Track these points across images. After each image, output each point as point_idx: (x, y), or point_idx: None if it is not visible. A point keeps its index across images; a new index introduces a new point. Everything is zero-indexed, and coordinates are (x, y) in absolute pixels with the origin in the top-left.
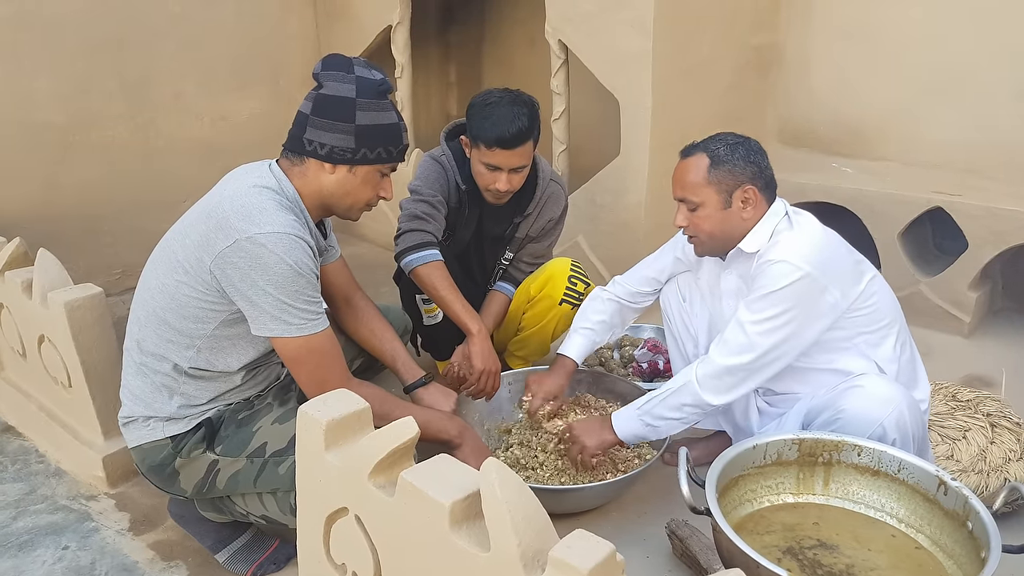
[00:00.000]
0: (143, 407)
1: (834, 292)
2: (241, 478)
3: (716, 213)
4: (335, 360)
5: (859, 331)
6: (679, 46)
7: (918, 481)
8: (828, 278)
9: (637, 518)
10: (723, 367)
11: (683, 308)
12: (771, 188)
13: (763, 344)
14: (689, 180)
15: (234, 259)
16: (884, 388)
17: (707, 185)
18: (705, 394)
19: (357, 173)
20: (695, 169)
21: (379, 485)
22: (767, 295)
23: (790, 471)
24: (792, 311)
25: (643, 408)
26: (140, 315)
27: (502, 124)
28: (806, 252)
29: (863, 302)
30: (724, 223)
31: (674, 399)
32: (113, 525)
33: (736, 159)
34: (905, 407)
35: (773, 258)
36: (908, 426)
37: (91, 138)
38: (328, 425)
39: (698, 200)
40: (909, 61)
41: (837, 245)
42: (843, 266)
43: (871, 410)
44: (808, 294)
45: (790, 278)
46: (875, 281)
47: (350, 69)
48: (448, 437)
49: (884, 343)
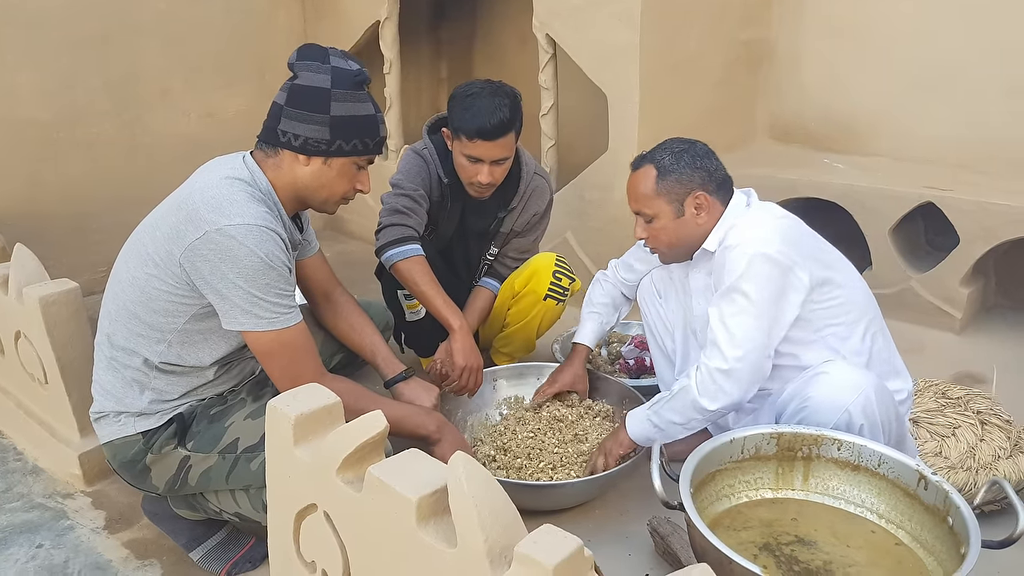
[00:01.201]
0: (114, 402)
1: (799, 272)
2: (213, 474)
3: (671, 223)
4: (308, 355)
5: (826, 323)
6: (667, 40)
7: (898, 476)
8: (789, 257)
9: (619, 515)
10: (717, 371)
11: (658, 304)
12: (725, 188)
13: (749, 338)
14: (640, 193)
15: (204, 251)
16: (849, 374)
17: (657, 197)
18: (703, 399)
19: (332, 165)
20: (644, 181)
21: (347, 481)
22: (734, 284)
23: (769, 466)
24: (762, 293)
25: (652, 409)
26: (111, 309)
27: (483, 115)
28: (762, 233)
29: (830, 292)
30: (680, 232)
31: (678, 403)
32: (88, 523)
33: (682, 167)
34: (872, 392)
35: (731, 244)
36: (876, 412)
37: (76, 135)
38: (297, 420)
39: (651, 212)
40: (900, 57)
41: (798, 229)
42: (805, 247)
43: (836, 396)
44: (772, 273)
45: (752, 261)
46: (843, 272)
47: (325, 59)
48: (426, 433)
49: (852, 335)
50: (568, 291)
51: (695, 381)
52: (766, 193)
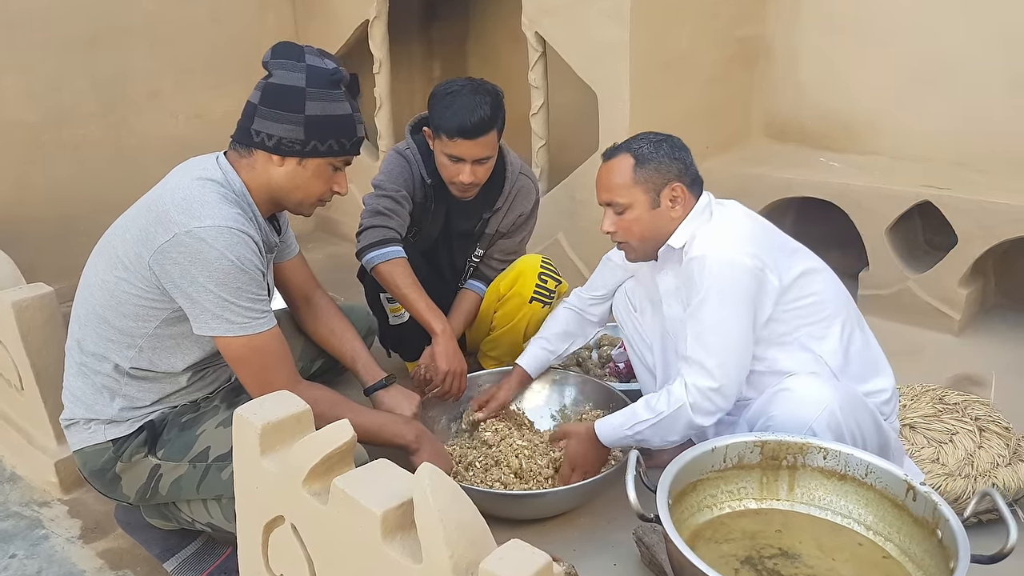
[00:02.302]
0: (84, 409)
1: (769, 274)
2: (184, 484)
3: (645, 214)
4: (281, 361)
5: (799, 324)
6: (658, 37)
7: (886, 486)
8: (756, 259)
9: (606, 523)
10: (709, 389)
11: (634, 317)
12: (697, 184)
13: (729, 350)
14: (615, 182)
15: (173, 254)
16: (812, 389)
17: (634, 185)
18: (698, 418)
19: (307, 166)
20: (620, 170)
21: (314, 492)
22: (704, 296)
23: (753, 475)
24: (734, 301)
25: (634, 430)
26: (80, 313)
27: (463, 113)
28: (727, 239)
29: (801, 291)
30: (653, 224)
31: (668, 423)
32: (64, 532)
33: (661, 156)
34: (837, 406)
35: (696, 254)
36: (842, 426)
37: (62, 137)
38: (264, 429)
39: (626, 202)
40: (899, 52)
41: (762, 228)
42: (770, 249)
43: (799, 413)
44: (743, 279)
45: (718, 269)
46: (814, 270)
47: (300, 57)
48: (404, 442)
49: (828, 334)
50: (554, 293)
51: (688, 402)
52: (761, 192)
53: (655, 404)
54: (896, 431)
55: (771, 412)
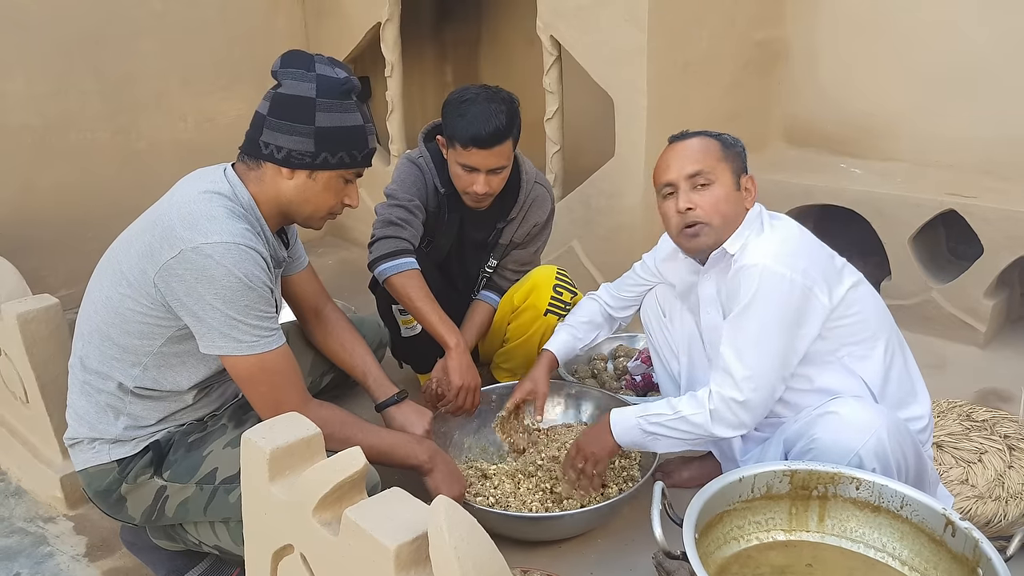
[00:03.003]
0: (88, 428)
1: (818, 293)
2: (191, 506)
3: (732, 192)
4: (291, 380)
5: (843, 343)
6: (676, 41)
7: (923, 519)
8: (808, 278)
9: (624, 546)
10: (733, 401)
11: (663, 324)
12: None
13: (764, 366)
14: (704, 155)
15: (179, 271)
16: (860, 413)
17: (723, 161)
18: (716, 428)
19: (317, 179)
20: (707, 146)
21: (324, 522)
22: (749, 306)
23: (781, 505)
24: (779, 317)
25: (648, 421)
26: (84, 330)
27: (478, 122)
28: (781, 253)
29: (846, 309)
30: (734, 206)
31: (685, 425)
32: (69, 550)
33: (739, 148)
34: (885, 433)
35: (747, 263)
36: (889, 454)
37: (69, 140)
38: (273, 454)
39: (714, 176)
40: (922, 54)
41: (814, 245)
42: (823, 266)
43: (846, 439)
44: (790, 296)
45: (768, 283)
46: (859, 287)
47: (310, 67)
48: (417, 463)
49: (871, 355)
50: (570, 305)
51: (708, 408)
52: (781, 199)
53: (676, 404)
54: (930, 458)
55: (815, 435)
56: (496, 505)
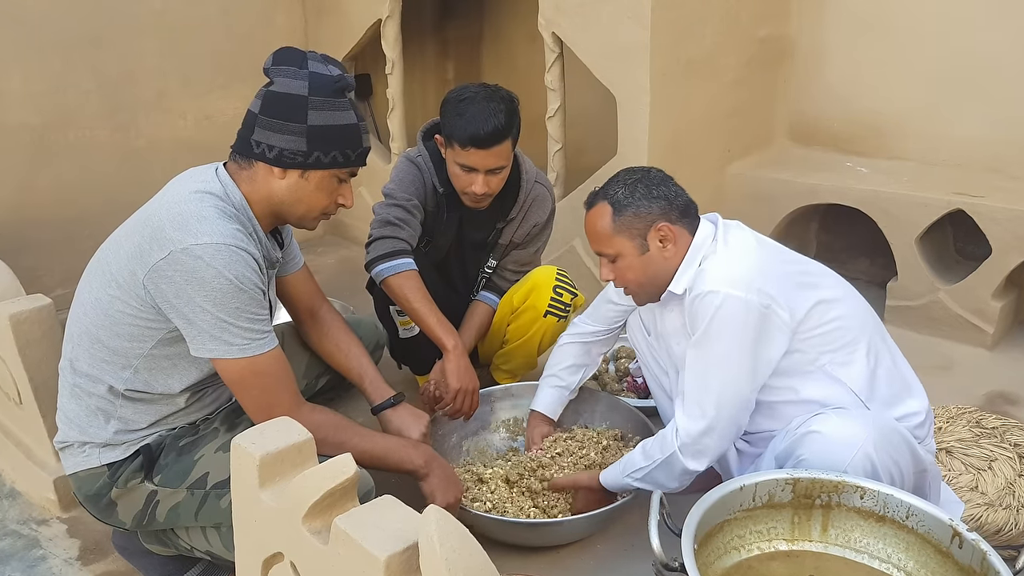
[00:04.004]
0: (78, 432)
1: (778, 311)
2: (182, 511)
3: (636, 261)
4: (283, 384)
5: (821, 351)
6: (679, 38)
7: (929, 530)
8: (765, 296)
9: (624, 551)
10: (698, 431)
11: (649, 342)
12: (689, 214)
13: (727, 392)
14: (598, 232)
15: (168, 273)
16: (843, 428)
17: (616, 235)
18: (689, 462)
19: (310, 179)
20: (599, 220)
21: (314, 531)
22: (706, 334)
23: (783, 514)
24: (739, 342)
25: (634, 477)
26: (73, 332)
27: (476, 122)
28: (735, 274)
29: (819, 319)
30: (648, 268)
31: (665, 468)
32: (62, 553)
33: (638, 199)
34: (872, 447)
35: (701, 291)
36: (878, 467)
37: (68, 138)
38: (263, 460)
39: (613, 252)
40: (930, 52)
41: (773, 258)
42: (781, 280)
43: (831, 456)
44: (748, 318)
45: (723, 308)
46: (833, 293)
47: (303, 64)
48: (413, 467)
49: (853, 360)
50: (570, 307)
51: (676, 447)
52: (785, 198)
53: (650, 450)
54: (932, 453)
55: (801, 455)
56: (493, 510)
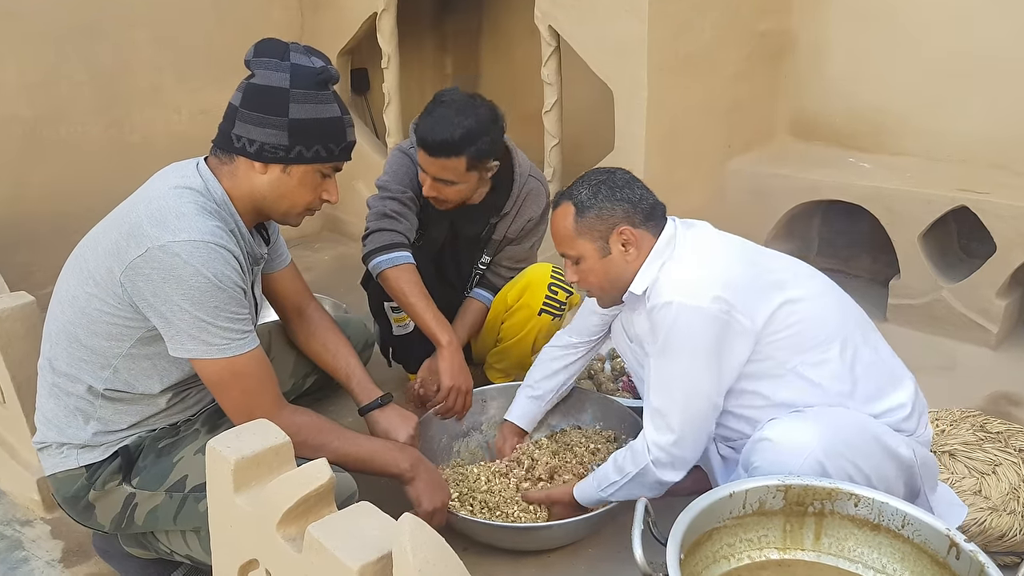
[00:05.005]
0: (56, 432)
1: (738, 316)
2: (160, 514)
3: (597, 264)
4: (263, 385)
5: (791, 354)
6: (677, 31)
7: (925, 540)
8: (724, 303)
9: (616, 554)
10: (667, 443)
11: (632, 348)
12: (654, 217)
13: (692, 403)
14: (560, 234)
15: (146, 270)
16: (792, 436)
17: (578, 236)
18: (664, 474)
19: (292, 174)
20: (563, 221)
21: (288, 537)
22: (666, 346)
23: (775, 522)
24: (699, 353)
25: (608, 492)
26: (51, 330)
27: (430, 126)
28: (692, 281)
29: (784, 320)
30: (609, 271)
31: (638, 482)
32: (44, 555)
33: (601, 201)
34: (821, 452)
35: (658, 302)
36: (830, 471)
37: (60, 133)
38: (238, 464)
39: (576, 253)
40: (933, 45)
41: (734, 260)
42: (742, 284)
43: (781, 463)
44: (706, 327)
45: (680, 319)
46: (800, 292)
47: (284, 55)
48: (398, 471)
49: (827, 359)
50: (565, 305)
51: (649, 460)
52: (786, 195)
53: (622, 463)
54: (926, 444)
55: (754, 462)
56: (482, 513)
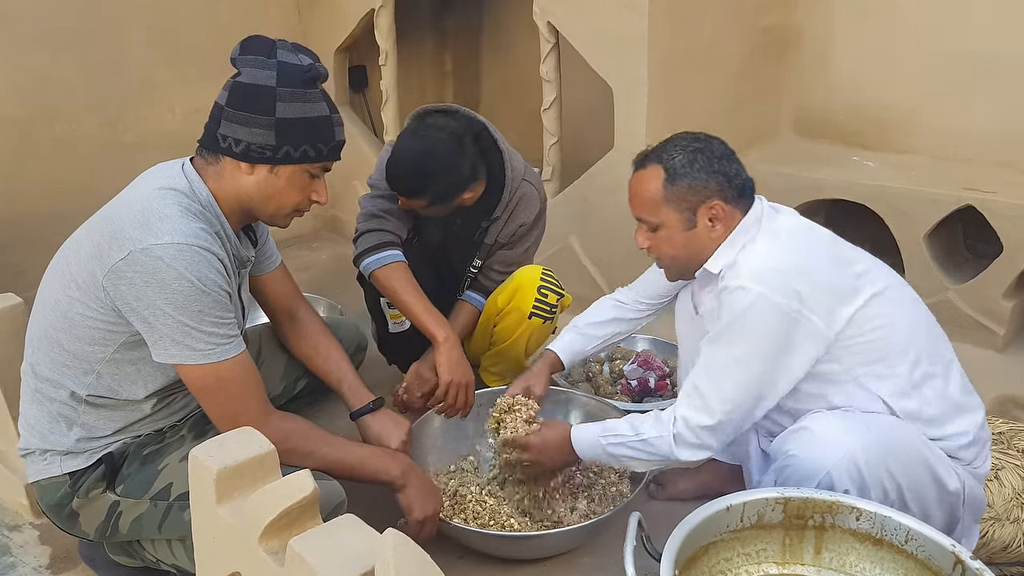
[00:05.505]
0: (39, 439)
1: (812, 317)
2: (145, 523)
3: (679, 235)
4: (249, 391)
5: (858, 363)
6: (678, 27)
7: (930, 556)
8: (801, 301)
9: (612, 564)
10: (699, 426)
11: (695, 321)
12: (745, 195)
13: (739, 395)
14: (645, 198)
15: (128, 274)
16: (832, 430)
17: (664, 204)
18: (681, 452)
19: (280, 174)
20: (649, 185)
21: (270, 551)
22: (725, 331)
23: (774, 536)
24: (759, 346)
25: (608, 442)
26: (34, 335)
27: (391, 164)
28: (771, 271)
29: (862, 326)
30: (690, 245)
31: (647, 448)
32: (32, 561)
33: (697, 171)
34: (860, 452)
35: (731, 284)
36: (865, 475)
37: (54, 132)
38: (220, 474)
39: (656, 220)
40: (940, 43)
41: (821, 253)
42: (825, 281)
43: (816, 456)
44: (776, 323)
45: (752, 308)
46: (883, 297)
47: (271, 53)
48: (389, 479)
49: (893, 373)
50: (556, 307)
51: (672, 432)
52: (789, 194)
53: (639, 425)
54: (980, 479)
55: (789, 450)
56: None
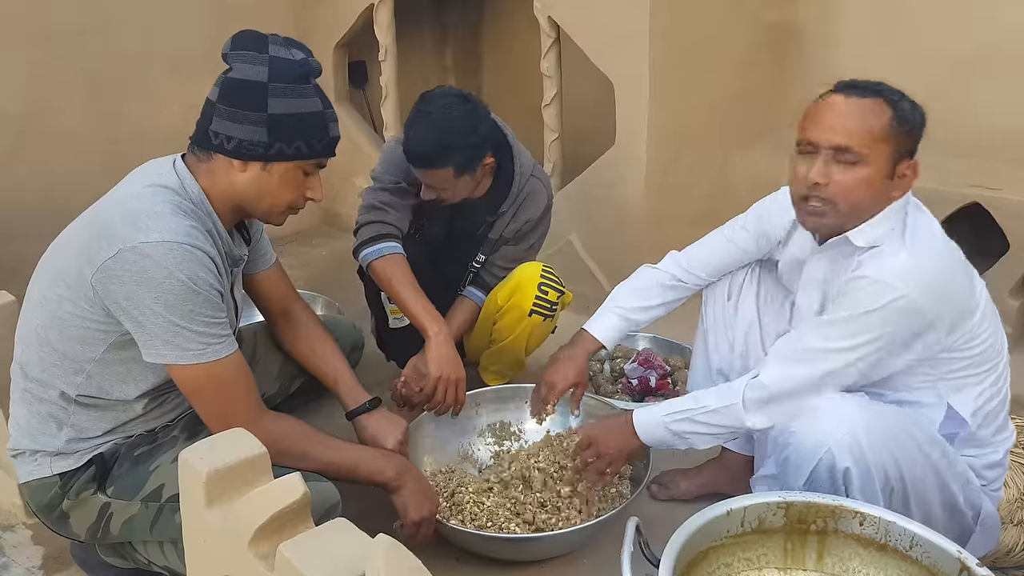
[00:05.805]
0: (29, 440)
1: (937, 330)
2: (136, 524)
3: (877, 180)
4: (242, 392)
5: (944, 372)
6: (680, 22)
7: (935, 563)
8: (934, 312)
9: (612, 566)
10: (779, 391)
11: (726, 308)
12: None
13: (826, 383)
14: (863, 127)
15: (117, 272)
16: (838, 407)
17: (885, 140)
18: (751, 419)
19: (273, 171)
20: (873, 115)
21: (261, 555)
22: (849, 319)
23: (775, 541)
24: (874, 341)
25: (672, 418)
26: (22, 334)
27: (411, 139)
28: (917, 274)
29: (967, 342)
30: (876, 196)
31: (714, 418)
32: (25, 562)
33: (917, 124)
34: (862, 431)
35: (871, 275)
36: (868, 456)
37: (51, 128)
38: (210, 477)
39: (865, 153)
40: (945, 37)
41: (957, 269)
42: (957, 298)
43: (819, 432)
44: (901, 324)
45: (891, 302)
46: (985, 314)
47: (263, 48)
48: (384, 480)
49: (967, 390)
50: (557, 305)
51: (744, 397)
52: None
53: (703, 397)
54: (994, 501)
55: (792, 427)
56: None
